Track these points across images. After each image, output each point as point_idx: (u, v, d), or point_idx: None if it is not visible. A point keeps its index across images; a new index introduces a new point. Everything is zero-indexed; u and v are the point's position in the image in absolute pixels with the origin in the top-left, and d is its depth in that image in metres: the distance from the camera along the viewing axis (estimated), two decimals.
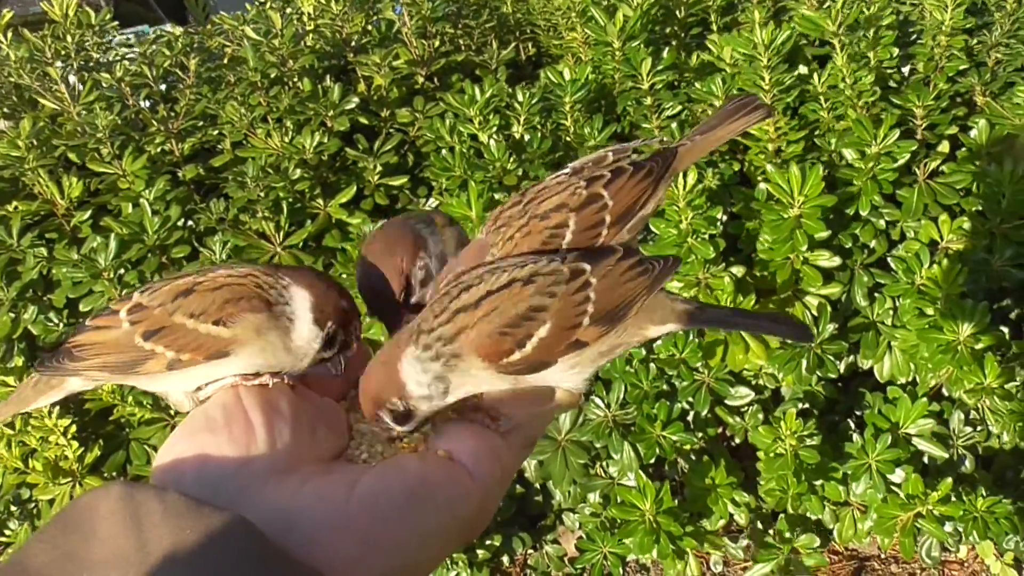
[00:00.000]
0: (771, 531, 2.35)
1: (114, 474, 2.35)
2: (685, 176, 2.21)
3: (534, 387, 0.87)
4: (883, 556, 2.54)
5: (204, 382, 0.87)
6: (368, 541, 0.73)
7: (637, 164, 0.94)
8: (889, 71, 2.52)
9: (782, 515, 2.29)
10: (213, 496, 0.70)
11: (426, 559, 0.77)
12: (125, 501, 0.66)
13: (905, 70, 2.60)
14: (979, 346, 2.12)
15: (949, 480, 2.14)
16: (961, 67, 2.47)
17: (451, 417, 0.86)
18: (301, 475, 0.78)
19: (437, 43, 2.75)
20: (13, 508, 2.43)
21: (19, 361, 2.40)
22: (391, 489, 0.76)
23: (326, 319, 0.88)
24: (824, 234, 2.22)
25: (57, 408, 2.25)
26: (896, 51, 2.48)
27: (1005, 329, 2.25)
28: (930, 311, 2.17)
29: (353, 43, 2.82)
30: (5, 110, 2.93)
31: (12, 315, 2.44)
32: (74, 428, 2.31)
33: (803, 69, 2.47)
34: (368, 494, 0.75)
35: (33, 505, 2.41)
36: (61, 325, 2.47)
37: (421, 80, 2.76)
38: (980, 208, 2.29)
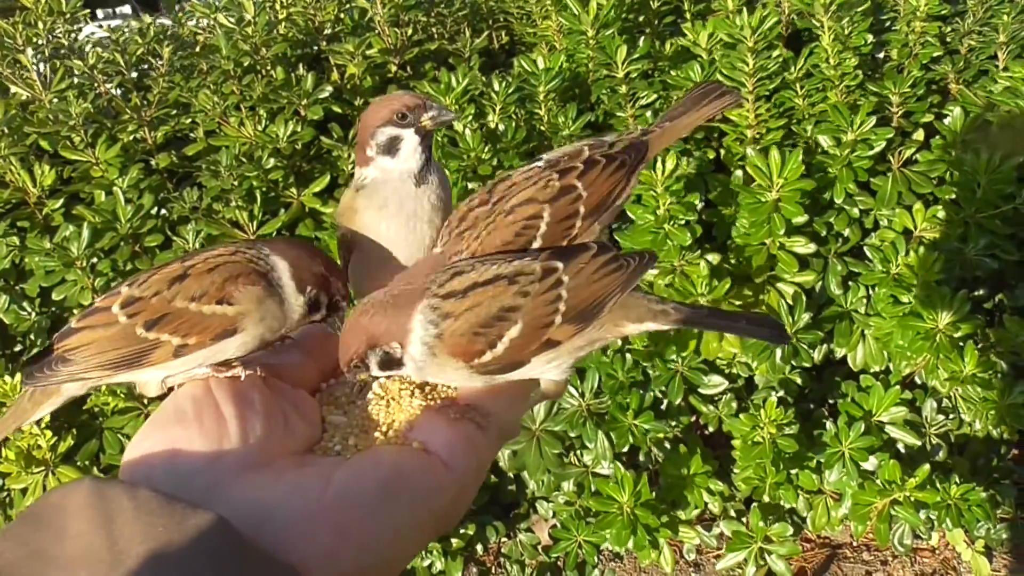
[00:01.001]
0: (743, 519, 2.35)
1: (87, 463, 2.35)
2: (663, 162, 2.20)
3: (512, 381, 0.87)
4: (855, 544, 2.55)
5: (207, 362, 0.86)
6: (343, 534, 0.72)
7: (610, 156, 0.93)
8: (863, 56, 2.51)
9: (755, 504, 2.29)
10: (184, 491, 0.69)
11: (402, 551, 0.77)
12: (95, 497, 0.65)
13: (879, 56, 2.60)
14: (958, 334, 2.12)
15: (927, 467, 2.14)
16: (935, 54, 2.47)
17: (428, 407, 0.86)
18: (274, 469, 0.77)
19: (410, 31, 2.73)
20: None
21: None
22: (366, 482, 0.75)
23: (305, 283, 0.90)
24: (802, 219, 2.22)
25: None
26: (870, 37, 2.47)
27: (980, 318, 2.25)
28: (905, 299, 2.17)
29: (326, 31, 2.80)
30: None
31: None
32: (47, 417, 2.30)
33: (775, 53, 2.45)
34: (343, 487, 0.75)
35: (5, 494, 2.40)
36: (33, 314, 2.46)
37: (394, 69, 2.74)
38: (954, 197, 2.29)
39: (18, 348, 2.53)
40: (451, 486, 0.78)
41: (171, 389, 0.86)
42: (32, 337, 2.48)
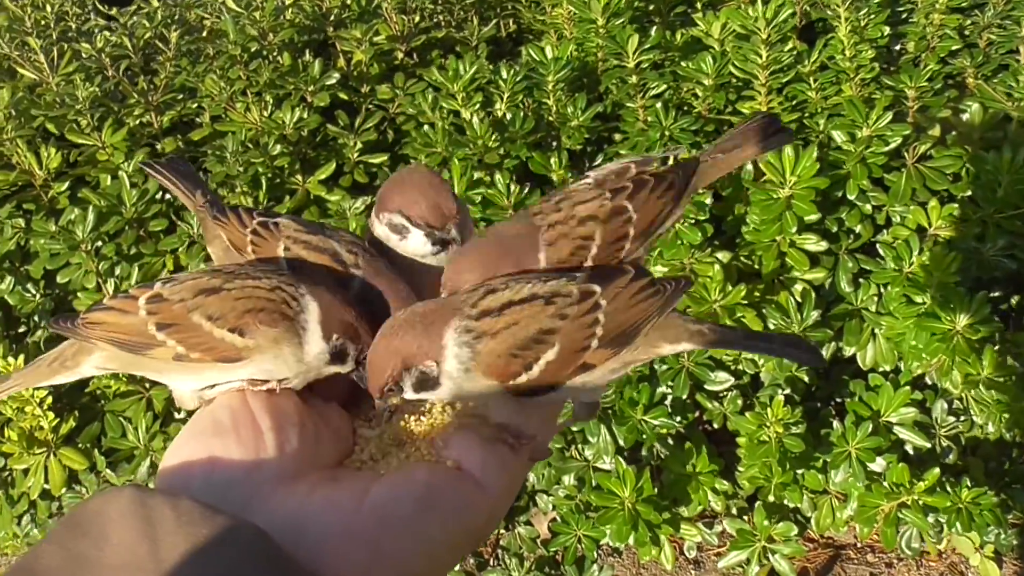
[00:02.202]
0: (745, 518, 2.32)
1: (88, 445, 2.35)
2: (675, 159, 2.16)
3: (545, 403, 0.87)
4: (859, 545, 2.51)
5: (211, 383, 0.88)
6: (377, 551, 0.73)
7: (658, 176, 0.92)
8: (879, 48, 2.46)
9: (759, 503, 2.25)
10: (222, 502, 0.69)
11: (435, 569, 0.77)
12: (137, 506, 0.66)
13: (895, 49, 2.54)
14: (977, 336, 2.07)
15: (936, 470, 2.10)
16: (953, 47, 2.41)
17: (461, 424, 0.86)
18: (309, 482, 0.78)
19: (417, 18, 2.71)
20: None
21: None
22: (400, 499, 0.76)
23: (331, 332, 0.89)
24: (814, 217, 2.18)
25: None
26: (887, 29, 2.41)
27: (997, 319, 2.20)
28: (919, 299, 2.12)
29: (333, 17, 2.78)
30: None
31: None
32: (50, 399, 2.31)
33: (789, 45, 2.40)
34: (378, 504, 0.75)
35: (7, 474, 2.41)
36: (38, 296, 2.47)
37: (401, 56, 2.72)
38: (970, 195, 2.24)
39: (22, 329, 2.54)
40: (484, 505, 0.79)
41: (208, 402, 0.88)
42: (36, 319, 2.48)
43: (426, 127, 2.44)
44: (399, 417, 0.88)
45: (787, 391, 2.29)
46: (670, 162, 0.96)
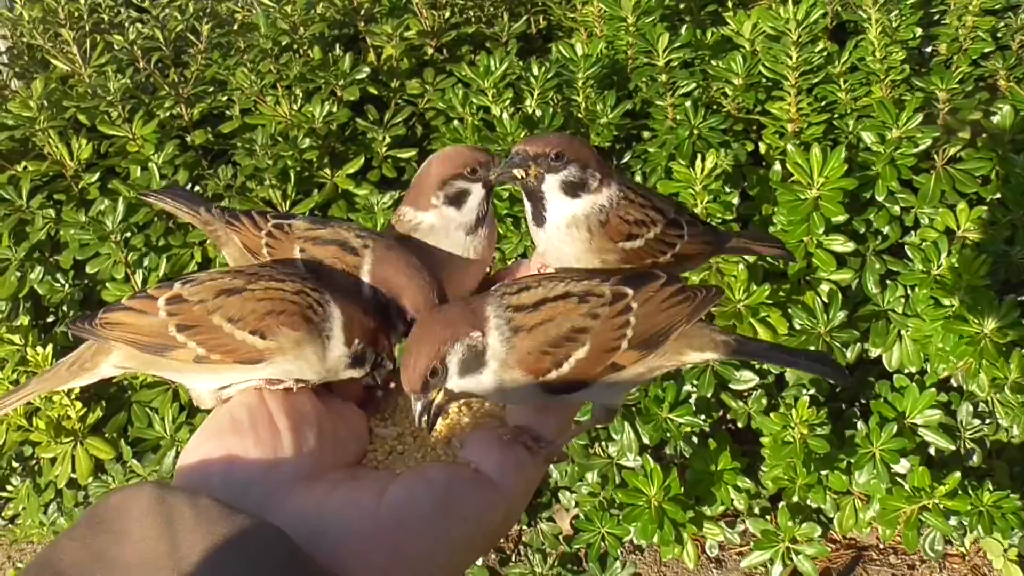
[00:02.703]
0: (768, 517, 2.32)
1: (115, 435, 2.37)
2: (703, 160, 2.17)
3: (567, 403, 0.88)
4: (882, 546, 2.51)
5: (229, 382, 0.88)
6: (397, 553, 0.73)
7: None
8: (910, 50, 2.45)
9: (782, 504, 2.26)
10: (240, 500, 0.70)
11: (451, 568, 0.78)
12: (157, 503, 0.66)
13: (927, 51, 2.54)
14: (1005, 340, 2.07)
15: (957, 474, 2.10)
16: (986, 50, 2.40)
17: (478, 425, 0.87)
18: (327, 481, 0.78)
19: (448, 14, 2.72)
20: (15, 465, 2.46)
21: (24, 320, 2.42)
22: (419, 499, 0.76)
23: (353, 338, 0.89)
24: (842, 218, 2.18)
25: None
26: (919, 31, 2.41)
27: None
28: (947, 302, 2.12)
29: (363, 12, 2.78)
30: (17, 70, 2.94)
31: (19, 275, 2.45)
32: (77, 389, 2.33)
33: (819, 47, 2.40)
34: (396, 505, 0.75)
35: (35, 462, 2.44)
36: (67, 286, 2.49)
37: (431, 51, 2.73)
38: (1000, 197, 2.23)
39: (51, 319, 2.56)
40: (501, 506, 0.79)
41: (226, 401, 0.88)
42: (65, 308, 2.50)
43: (455, 122, 2.45)
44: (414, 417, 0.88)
45: (812, 391, 2.29)
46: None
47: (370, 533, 0.73)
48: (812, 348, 2.19)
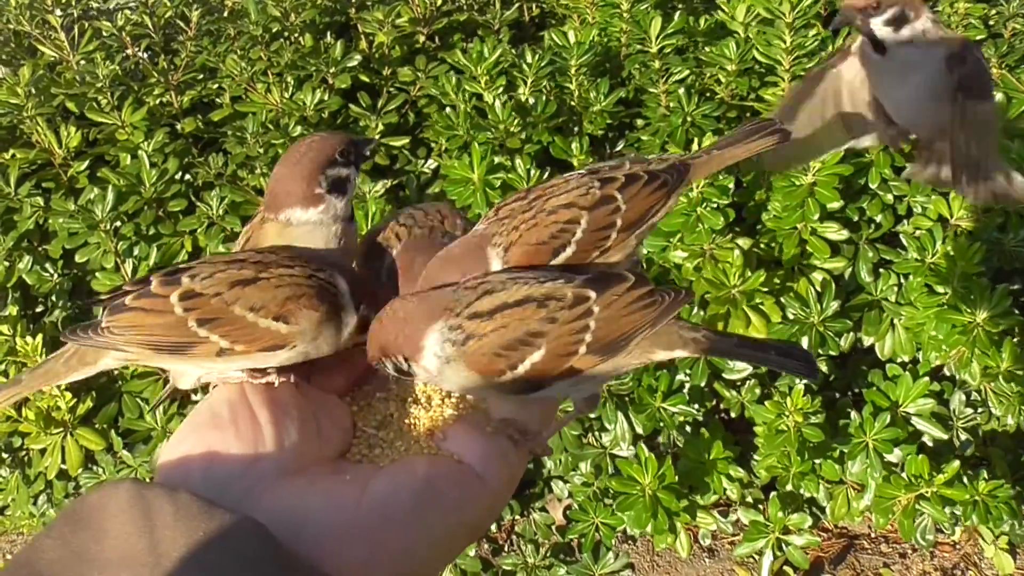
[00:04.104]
0: (761, 507, 2.32)
1: (105, 426, 2.35)
2: (699, 144, 2.16)
3: (544, 399, 0.87)
4: (873, 535, 2.51)
5: (247, 367, 0.87)
6: (378, 546, 0.73)
7: (652, 173, 0.92)
8: None
9: (773, 494, 2.26)
10: (221, 496, 0.69)
11: (435, 561, 0.78)
12: (136, 499, 0.66)
13: None
14: (997, 329, 2.07)
15: (956, 463, 2.10)
16: (978, 37, 2.40)
17: (462, 417, 0.86)
18: (309, 475, 0.77)
19: (439, 1, 2.69)
20: (5, 455, 2.45)
21: (13, 311, 2.39)
22: (401, 493, 0.76)
23: (360, 303, 0.90)
24: (837, 204, 2.18)
25: None
26: None
27: (1017, 311, 2.19)
28: (941, 290, 2.12)
29: None
30: (4, 57, 2.91)
31: (7, 264, 2.43)
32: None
33: (813, 31, 2.39)
34: (378, 497, 0.75)
35: (24, 453, 2.42)
36: (56, 276, 2.47)
37: (423, 39, 2.71)
38: None
39: (40, 309, 2.54)
40: (484, 499, 0.79)
41: (205, 387, 0.88)
42: (54, 298, 2.48)
43: (448, 110, 2.43)
44: (399, 410, 0.88)
45: (805, 380, 2.29)
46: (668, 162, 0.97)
47: (351, 526, 0.73)
48: (805, 338, 2.18)
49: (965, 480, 2.13)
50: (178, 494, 0.67)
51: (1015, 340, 2.13)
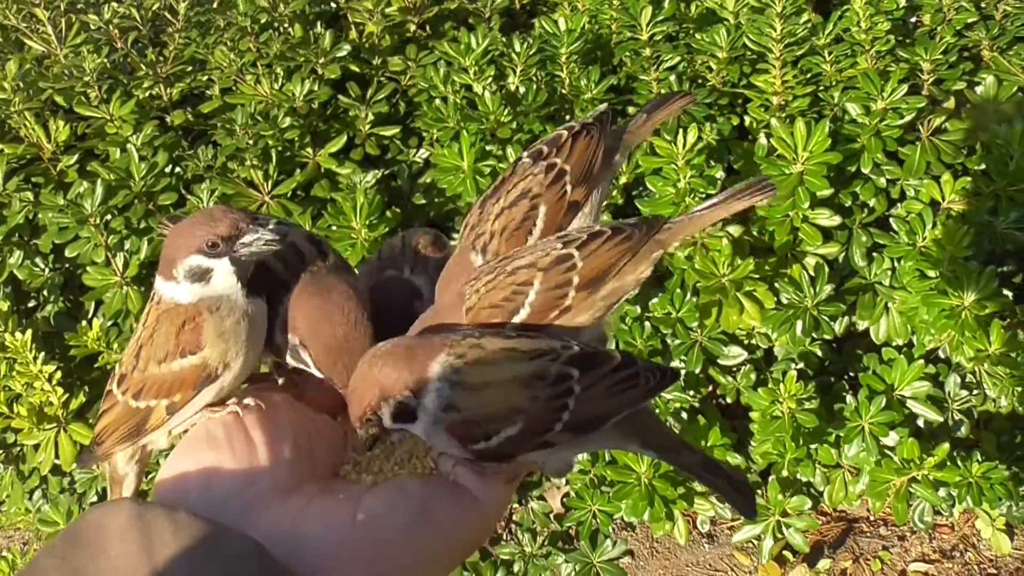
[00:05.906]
0: (758, 492, 2.32)
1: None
2: (685, 134, 2.15)
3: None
4: (872, 518, 2.52)
5: (205, 404, 0.88)
6: (373, 564, 0.73)
7: (616, 228, 0.92)
8: (895, 20, 2.45)
9: (772, 478, 2.26)
10: (218, 515, 0.70)
11: None
12: (135, 519, 0.67)
13: (911, 21, 2.53)
14: (984, 312, 2.07)
15: (946, 445, 2.10)
16: (969, 20, 2.40)
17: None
18: (304, 494, 0.78)
19: None
20: None
21: (4, 306, 2.37)
22: (396, 513, 0.76)
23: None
24: (827, 192, 2.17)
25: (42, 354, 2.24)
26: (902, 1, 2.41)
27: (1008, 294, 2.20)
28: (932, 273, 2.12)
29: None
30: None
31: None
32: (59, 374, 2.29)
33: (804, 18, 2.39)
34: (373, 518, 0.75)
35: (18, 449, 2.40)
36: (46, 271, 2.46)
37: (413, 28, 2.70)
38: (983, 168, 2.23)
39: (31, 304, 2.53)
40: (478, 517, 0.79)
41: (181, 435, 0.89)
42: (45, 293, 2.46)
43: (438, 101, 2.42)
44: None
45: (800, 365, 2.29)
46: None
47: (346, 546, 0.73)
48: (800, 322, 2.17)
49: (958, 462, 2.13)
50: (177, 513, 0.68)
51: (1005, 322, 2.13)
